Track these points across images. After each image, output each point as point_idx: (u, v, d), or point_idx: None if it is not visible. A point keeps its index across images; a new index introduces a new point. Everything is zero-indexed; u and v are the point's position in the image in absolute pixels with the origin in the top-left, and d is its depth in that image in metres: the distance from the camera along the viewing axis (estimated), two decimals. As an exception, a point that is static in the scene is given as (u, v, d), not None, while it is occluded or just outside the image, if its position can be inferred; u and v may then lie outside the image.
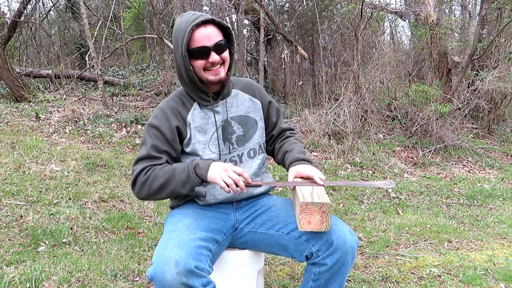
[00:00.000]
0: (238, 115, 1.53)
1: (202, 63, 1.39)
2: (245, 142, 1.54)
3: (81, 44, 9.60)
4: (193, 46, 1.37)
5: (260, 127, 1.58)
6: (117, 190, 3.36)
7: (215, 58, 1.38)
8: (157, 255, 1.21)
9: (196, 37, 1.36)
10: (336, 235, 1.32)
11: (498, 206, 3.67)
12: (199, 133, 1.46)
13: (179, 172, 1.35)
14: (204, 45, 1.37)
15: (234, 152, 1.52)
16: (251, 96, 1.58)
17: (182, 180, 1.34)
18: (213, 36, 1.38)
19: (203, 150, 1.46)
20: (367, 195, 3.75)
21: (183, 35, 1.35)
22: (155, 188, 1.36)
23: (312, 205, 1.23)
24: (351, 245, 1.33)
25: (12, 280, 1.98)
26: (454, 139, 5.35)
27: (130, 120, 5.23)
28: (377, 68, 5.87)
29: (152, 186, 1.36)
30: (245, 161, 1.53)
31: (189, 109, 1.47)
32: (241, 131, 1.53)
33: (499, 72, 5.89)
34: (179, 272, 1.15)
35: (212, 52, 1.37)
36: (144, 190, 1.38)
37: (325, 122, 5.34)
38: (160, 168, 1.38)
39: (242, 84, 1.59)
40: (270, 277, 2.18)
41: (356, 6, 5.57)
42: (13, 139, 4.18)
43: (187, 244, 1.22)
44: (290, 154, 1.54)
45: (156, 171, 1.37)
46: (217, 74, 1.41)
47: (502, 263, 2.40)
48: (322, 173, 1.43)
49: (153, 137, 1.42)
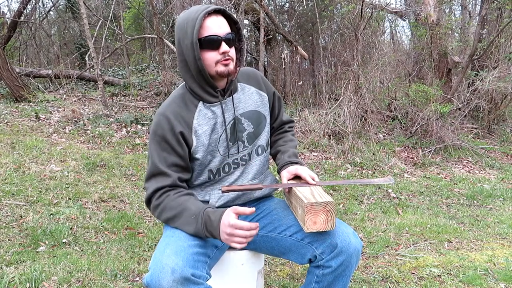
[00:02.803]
0: (248, 111, 1.46)
1: (213, 56, 1.31)
2: (255, 139, 1.48)
3: (81, 44, 9.59)
4: (203, 34, 1.30)
5: (268, 122, 1.53)
6: (117, 190, 3.36)
7: (225, 49, 1.30)
8: (154, 261, 1.19)
9: (207, 25, 1.30)
10: (340, 238, 1.30)
11: (498, 206, 3.66)
12: (207, 137, 1.39)
13: (187, 218, 1.29)
14: (215, 34, 1.30)
15: (245, 151, 1.46)
16: (258, 89, 1.51)
17: (189, 227, 1.29)
18: (224, 26, 1.32)
19: (211, 153, 1.41)
20: (367, 195, 3.75)
21: (193, 23, 1.28)
22: (164, 218, 1.34)
23: (316, 205, 1.22)
24: (356, 247, 1.31)
25: (12, 280, 1.98)
26: (454, 139, 5.35)
27: (130, 120, 5.22)
28: (377, 68, 5.86)
29: (162, 216, 1.34)
30: (253, 159, 1.50)
31: (194, 111, 1.38)
32: (251, 128, 1.47)
33: (499, 72, 5.89)
34: (175, 280, 1.13)
35: (223, 42, 1.31)
36: (156, 214, 1.36)
37: (325, 122, 5.34)
38: (173, 198, 1.32)
39: (246, 75, 1.51)
40: (270, 277, 2.18)
41: (356, 6, 5.56)
42: (13, 139, 4.18)
43: (184, 251, 1.20)
44: (282, 157, 1.52)
45: (168, 200, 1.32)
46: (227, 65, 1.33)
47: (502, 263, 2.40)
48: (313, 172, 1.43)
49: (159, 148, 1.35)
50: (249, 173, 1.50)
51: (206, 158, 1.41)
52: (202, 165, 1.42)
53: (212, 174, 1.44)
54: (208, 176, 1.44)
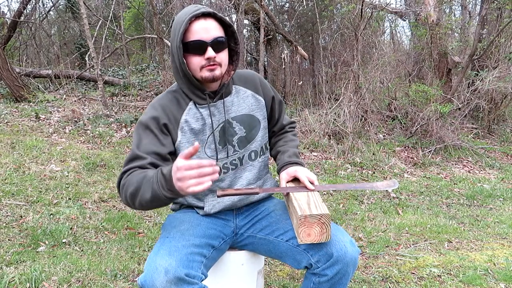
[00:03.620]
0: (240, 115, 1.42)
1: (199, 61, 1.28)
2: (247, 144, 1.44)
3: (81, 44, 9.59)
4: (189, 38, 1.27)
5: (264, 126, 1.48)
6: (117, 190, 3.35)
7: (211, 54, 1.26)
8: (148, 262, 1.18)
9: (194, 29, 1.26)
10: (336, 247, 1.27)
11: (498, 206, 3.66)
12: (194, 136, 1.36)
13: (145, 185, 1.16)
14: (200, 39, 1.26)
15: (235, 155, 1.43)
16: (254, 92, 1.47)
17: (148, 194, 1.16)
18: (212, 30, 1.27)
19: (198, 154, 1.36)
20: (367, 195, 3.75)
21: (180, 26, 1.26)
22: (129, 196, 1.21)
23: (310, 217, 1.18)
24: (352, 256, 1.28)
25: (12, 280, 1.98)
26: (454, 139, 5.35)
27: (130, 120, 5.23)
28: (377, 68, 5.87)
29: (127, 193, 1.22)
30: (246, 164, 1.46)
31: (184, 109, 1.36)
32: (243, 132, 1.43)
33: (499, 72, 5.90)
34: (169, 280, 1.12)
35: (209, 47, 1.26)
36: (123, 195, 1.25)
37: (325, 122, 5.34)
38: (137, 174, 1.22)
39: (243, 78, 1.47)
40: (270, 277, 2.18)
41: (356, 6, 5.57)
42: (13, 139, 4.18)
43: (179, 251, 1.20)
44: (281, 158, 1.50)
45: (131, 176, 1.22)
46: (212, 70, 1.29)
47: (502, 263, 2.40)
48: (313, 174, 1.40)
49: (142, 135, 1.31)
50: (243, 178, 1.46)
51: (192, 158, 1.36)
52: None
53: None
54: None
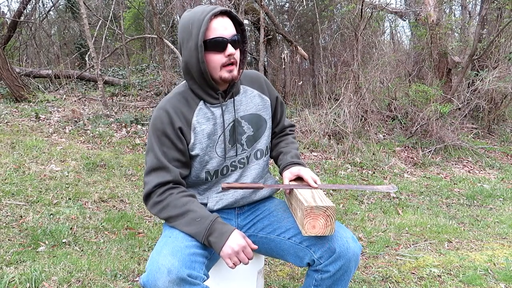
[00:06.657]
0: (249, 114, 1.45)
1: (219, 58, 1.30)
2: (254, 142, 1.47)
3: (81, 44, 9.59)
4: (208, 36, 1.28)
5: (269, 126, 1.51)
6: (117, 190, 3.36)
7: (231, 51, 1.29)
8: (151, 261, 1.19)
9: (213, 27, 1.28)
10: (339, 242, 1.29)
11: (498, 206, 3.66)
12: (205, 136, 1.38)
13: (190, 219, 1.27)
14: (221, 36, 1.28)
15: (243, 154, 1.45)
16: (260, 93, 1.49)
17: (189, 228, 1.27)
18: (230, 28, 1.30)
19: (209, 154, 1.39)
20: (367, 195, 3.75)
21: (199, 24, 1.26)
22: (164, 216, 1.32)
23: (316, 209, 1.20)
24: (354, 252, 1.30)
25: (12, 280, 1.98)
26: (454, 139, 5.35)
27: (130, 120, 5.23)
28: (377, 68, 5.87)
29: (162, 213, 1.31)
30: (251, 163, 1.48)
31: (194, 109, 1.37)
32: (251, 131, 1.45)
33: (499, 72, 5.90)
34: (171, 281, 1.13)
35: (229, 44, 1.29)
36: (154, 211, 1.33)
37: (325, 122, 5.34)
38: (177, 197, 1.30)
39: (249, 78, 1.50)
40: (270, 277, 2.18)
41: (356, 6, 5.57)
42: (13, 139, 4.18)
43: (181, 252, 1.20)
44: (284, 158, 1.51)
45: (171, 198, 1.30)
46: (231, 71, 1.32)
47: (502, 263, 2.40)
48: (315, 174, 1.42)
49: (160, 142, 1.33)
50: (247, 176, 1.48)
51: (204, 158, 1.39)
52: (200, 165, 1.41)
53: (210, 175, 1.43)
54: (205, 178, 1.43)
